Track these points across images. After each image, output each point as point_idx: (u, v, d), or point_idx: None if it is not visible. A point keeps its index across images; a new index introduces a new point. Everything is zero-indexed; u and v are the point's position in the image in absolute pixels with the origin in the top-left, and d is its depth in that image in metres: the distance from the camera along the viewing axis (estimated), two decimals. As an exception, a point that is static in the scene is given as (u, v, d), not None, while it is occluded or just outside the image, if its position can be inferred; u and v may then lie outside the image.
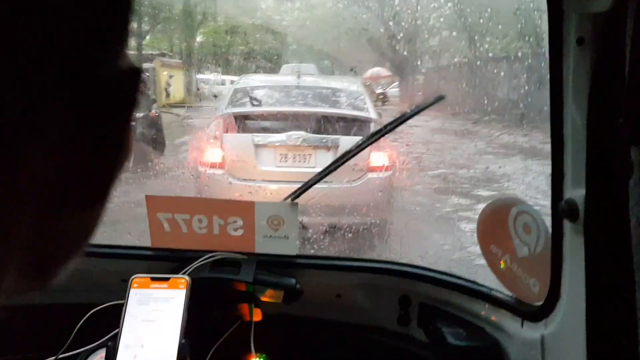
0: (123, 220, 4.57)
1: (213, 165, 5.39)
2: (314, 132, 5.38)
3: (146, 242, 1.90)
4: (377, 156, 5.31)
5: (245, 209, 1.88)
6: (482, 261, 1.73)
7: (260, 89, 6.37)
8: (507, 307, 1.59)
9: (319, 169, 4.96)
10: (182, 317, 1.56)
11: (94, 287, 1.78)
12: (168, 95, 23.96)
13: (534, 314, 1.46)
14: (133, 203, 4.33)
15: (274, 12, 29.77)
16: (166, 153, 9.25)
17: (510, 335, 1.57)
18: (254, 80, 7.37)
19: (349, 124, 5.56)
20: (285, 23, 30.22)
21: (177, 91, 25.42)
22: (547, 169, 1.33)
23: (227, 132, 5.54)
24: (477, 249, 1.75)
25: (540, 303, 1.45)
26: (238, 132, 5.55)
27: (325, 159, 5.18)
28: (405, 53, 20.23)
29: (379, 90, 23.77)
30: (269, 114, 5.73)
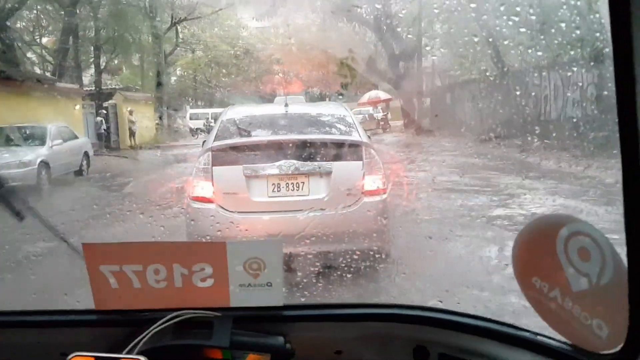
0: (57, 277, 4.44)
1: (203, 199, 5.45)
2: (305, 160, 5.44)
3: (89, 303, 1.58)
4: (371, 180, 5.44)
5: (214, 252, 1.56)
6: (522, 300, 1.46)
7: (248, 120, 6.50)
8: (560, 357, 1.34)
9: (312, 197, 4.73)
10: None
11: None
12: (132, 134, 22.34)
13: None
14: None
15: (257, 39, 29.83)
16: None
17: None
18: (241, 111, 7.47)
19: (339, 148, 5.64)
20: (269, 51, 30.37)
21: (146, 129, 23.61)
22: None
23: (216, 165, 5.58)
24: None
25: (612, 351, 1.22)
26: (228, 164, 5.58)
27: (319, 185, 5.35)
28: (405, 70, 20.07)
29: (379, 115, 23.48)
30: (259, 144, 5.81)
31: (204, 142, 6.46)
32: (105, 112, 21.66)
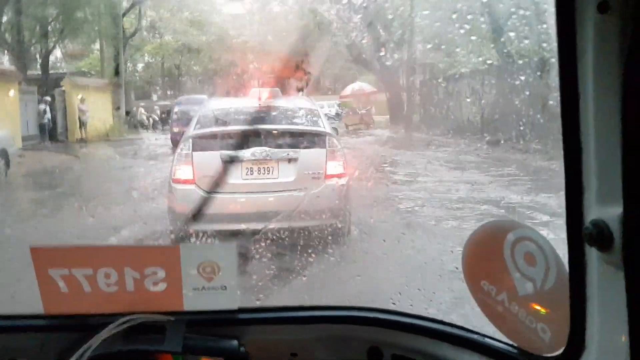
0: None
1: (184, 181, 6.22)
2: (275, 147, 6.28)
3: (38, 307, 1.54)
4: (332, 165, 6.33)
5: (166, 255, 1.55)
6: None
7: (225, 111, 7.40)
8: (507, 359, 1.37)
9: (281, 180, 5.52)
10: None
11: None
12: (83, 125, 19.90)
13: None
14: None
15: (231, 25, 28.88)
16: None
17: None
18: (219, 103, 8.65)
19: (306, 138, 6.55)
20: (244, 38, 29.43)
21: (100, 120, 20.86)
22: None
23: (196, 150, 6.38)
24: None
25: (555, 354, 1.25)
26: (207, 150, 6.33)
27: (287, 169, 6.23)
28: (392, 62, 19.38)
29: (361, 111, 22.70)
30: (234, 133, 6.57)
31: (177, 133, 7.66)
32: (50, 99, 19.31)
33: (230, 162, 6.06)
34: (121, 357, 1.44)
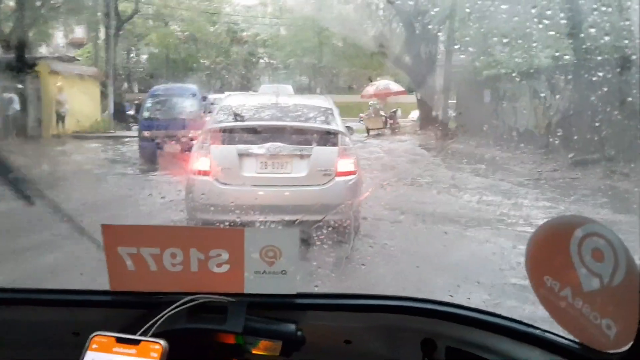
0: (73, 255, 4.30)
1: (201, 172, 6.51)
2: (289, 143, 6.55)
3: (104, 284, 1.60)
4: (343, 162, 6.60)
5: (231, 238, 1.60)
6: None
7: (243, 106, 7.57)
8: (568, 355, 1.38)
9: (294, 175, 6.20)
10: None
11: (39, 343, 1.55)
12: (61, 119, 17.10)
13: None
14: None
15: (241, 17, 28.29)
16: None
17: None
18: (237, 98, 8.94)
19: (320, 135, 6.77)
20: (254, 30, 28.97)
21: (83, 114, 18.00)
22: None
23: (214, 143, 6.72)
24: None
25: (620, 351, 1.26)
26: (224, 143, 6.71)
27: (300, 165, 6.54)
28: (422, 59, 16.64)
29: (386, 113, 19.73)
30: (250, 128, 6.89)
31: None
32: (21, 86, 16.46)
33: (245, 155, 6.51)
34: (184, 335, 1.49)
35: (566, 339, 1.40)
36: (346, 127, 7.85)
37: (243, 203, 5.83)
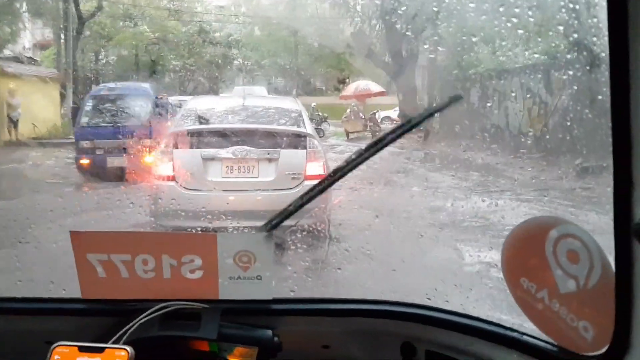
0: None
1: (164, 178, 6.32)
2: (256, 146, 6.40)
3: (75, 292, 1.58)
4: (312, 166, 6.41)
5: (204, 243, 1.59)
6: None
7: (208, 109, 7.45)
8: (546, 358, 1.39)
9: (261, 179, 5.81)
10: None
11: (11, 352, 1.55)
12: (13, 123, 15.83)
13: None
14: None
15: (214, 16, 28.11)
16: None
17: None
18: (202, 101, 8.70)
19: (287, 138, 6.62)
20: (228, 30, 28.81)
21: (39, 120, 16.43)
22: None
23: (177, 148, 6.49)
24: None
25: (597, 353, 1.26)
26: (187, 147, 6.49)
27: (267, 169, 6.37)
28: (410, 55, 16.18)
29: (365, 114, 19.13)
30: (217, 131, 6.70)
31: None
32: None
33: (210, 160, 6.34)
34: (157, 343, 1.47)
35: (544, 341, 1.40)
36: (316, 129, 7.84)
37: (208, 209, 5.71)
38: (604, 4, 1.07)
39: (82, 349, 1.32)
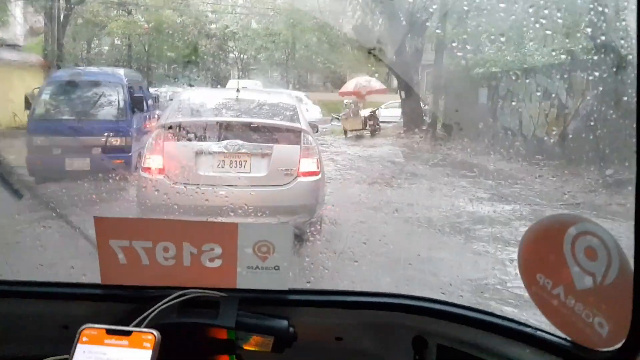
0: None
1: (153, 171, 6.17)
2: (250, 141, 6.28)
3: (94, 277, 1.58)
4: (306, 162, 6.33)
5: (225, 232, 1.60)
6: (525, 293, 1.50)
7: (200, 102, 7.46)
8: (560, 353, 1.39)
9: (253, 174, 5.53)
10: None
11: (28, 337, 1.55)
12: None
13: None
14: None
15: (210, 7, 27.82)
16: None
17: None
18: (195, 93, 8.75)
19: (280, 133, 6.55)
20: (224, 22, 28.63)
21: (20, 109, 12.46)
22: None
23: (167, 140, 6.36)
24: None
25: (611, 349, 1.27)
26: (178, 140, 6.38)
27: (260, 164, 6.24)
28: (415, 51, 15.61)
29: (366, 112, 18.23)
30: (208, 124, 6.61)
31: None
32: None
33: (201, 153, 6.22)
34: (176, 329, 1.48)
35: (558, 336, 1.41)
36: (310, 124, 7.67)
37: (198, 204, 5.65)
38: (634, 7, 1.08)
39: (109, 332, 1.32)
